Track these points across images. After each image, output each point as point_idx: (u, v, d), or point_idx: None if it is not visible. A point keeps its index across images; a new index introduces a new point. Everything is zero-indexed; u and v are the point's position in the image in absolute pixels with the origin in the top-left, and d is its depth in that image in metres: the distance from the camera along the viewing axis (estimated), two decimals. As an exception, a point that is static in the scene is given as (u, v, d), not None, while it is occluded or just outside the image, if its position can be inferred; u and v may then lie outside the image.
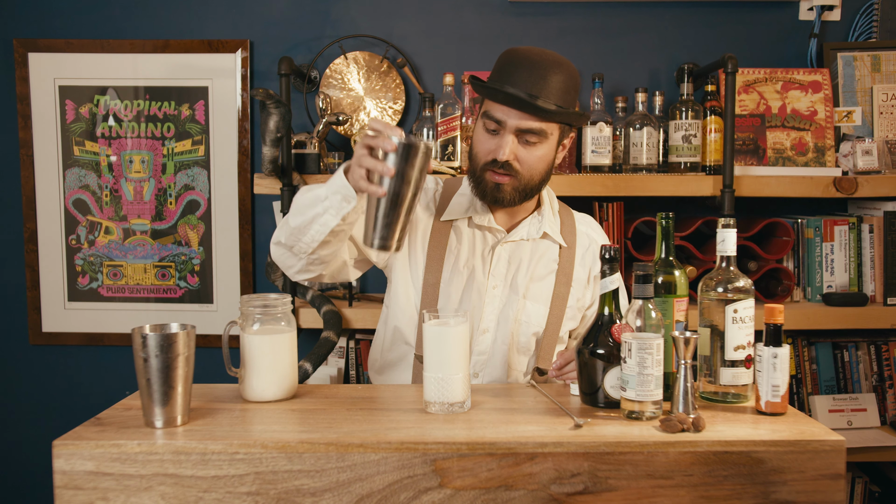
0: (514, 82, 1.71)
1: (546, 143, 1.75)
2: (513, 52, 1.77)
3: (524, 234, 1.84)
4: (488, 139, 1.75)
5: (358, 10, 2.62)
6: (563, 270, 1.85)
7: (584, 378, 1.46)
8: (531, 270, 1.84)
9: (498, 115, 1.72)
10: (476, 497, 1.26)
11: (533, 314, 1.82)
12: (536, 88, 1.70)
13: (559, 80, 1.73)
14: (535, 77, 1.71)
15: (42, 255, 2.66)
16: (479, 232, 1.85)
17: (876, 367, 2.47)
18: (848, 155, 2.45)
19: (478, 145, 1.78)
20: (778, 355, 1.41)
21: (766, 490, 1.27)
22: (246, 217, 2.64)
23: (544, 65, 1.72)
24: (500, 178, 1.75)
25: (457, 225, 1.85)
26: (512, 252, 1.84)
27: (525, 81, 1.71)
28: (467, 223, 1.85)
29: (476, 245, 1.84)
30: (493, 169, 1.75)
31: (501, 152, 1.72)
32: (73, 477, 1.25)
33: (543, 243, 1.86)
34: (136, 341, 1.31)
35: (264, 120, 2.20)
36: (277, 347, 1.49)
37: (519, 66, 1.72)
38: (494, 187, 1.76)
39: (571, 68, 1.77)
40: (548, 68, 1.72)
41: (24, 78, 2.61)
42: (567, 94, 1.75)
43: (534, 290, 1.83)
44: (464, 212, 1.84)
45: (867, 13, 2.59)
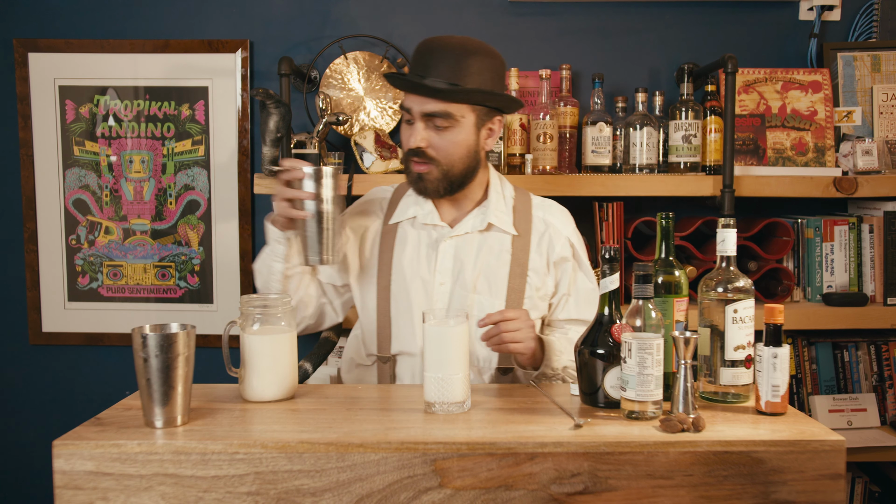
0: (415, 69, 1.73)
1: (459, 126, 1.73)
2: (423, 42, 1.78)
3: (468, 228, 1.81)
4: (406, 130, 1.77)
5: (358, 10, 2.62)
6: (517, 260, 1.81)
7: (584, 378, 1.45)
8: (480, 263, 1.80)
9: (406, 104, 1.74)
10: (476, 497, 1.26)
11: (486, 308, 1.77)
12: (437, 72, 1.70)
13: (468, 64, 1.70)
14: (435, 61, 1.71)
15: (42, 255, 2.66)
16: (424, 230, 1.84)
17: (876, 367, 2.47)
18: (848, 155, 2.45)
19: (401, 139, 1.80)
20: (778, 355, 1.41)
21: (766, 490, 1.27)
22: (246, 217, 2.64)
23: (447, 49, 1.71)
24: (420, 166, 1.75)
25: (403, 226, 1.85)
26: (458, 247, 1.81)
27: (425, 67, 1.72)
28: (413, 223, 1.85)
29: (421, 243, 1.83)
30: (413, 159, 1.75)
31: (412, 139, 1.73)
32: (73, 477, 1.25)
33: (493, 234, 1.83)
34: (136, 341, 1.31)
35: (264, 120, 2.20)
36: (277, 347, 1.49)
37: (422, 54, 1.74)
38: (417, 177, 1.76)
39: (488, 51, 1.75)
40: (451, 52, 1.71)
41: (24, 78, 2.61)
42: (479, 76, 1.72)
43: (484, 283, 1.80)
44: (409, 213, 1.84)
45: (867, 13, 2.59)
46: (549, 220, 1.87)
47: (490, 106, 1.77)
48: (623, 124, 2.44)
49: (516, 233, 1.82)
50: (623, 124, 2.44)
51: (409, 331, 1.80)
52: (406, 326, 1.80)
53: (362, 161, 2.41)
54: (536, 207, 1.89)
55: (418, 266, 1.81)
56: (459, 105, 1.72)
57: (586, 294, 1.87)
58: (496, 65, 1.76)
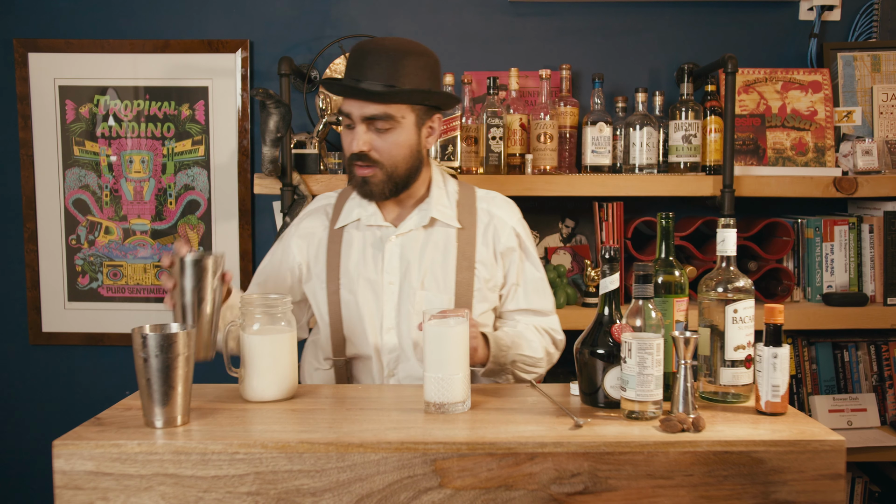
0: (350, 73, 1.74)
1: (400, 127, 1.74)
2: (357, 45, 1.78)
3: (412, 225, 1.81)
4: (346, 135, 1.77)
5: (358, 10, 2.62)
6: (463, 253, 1.81)
7: (584, 378, 1.45)
8: (426, 260, 1.80)
9: (345, 108, 1.74)
10: (476, 497, 1.26)
11: (434, 303, 1.77)
12: (373, 74, 1.70)
13: (404, 64, 1.71)
14: (371, 64, 1.71)
15: (42, 255, 2.66)
16: (369, 231, 1.84)
17: (876, 367, 2.47)
18: (848, 155, 2.45)
19: (343, 144, 1.81)
20: (778, 355, 1.41)
21: (766, 490, 1.27)
22: (246, 217, 2.64)
23: (381, 51, 1.72)
24: (364, 170, 1.75)
25: (349, 230, 1.85)
26: (404, 245, 1.81)
27: (361, 70, 1.72)
28: (358, 226, 1.85)
29: (367, 245, 1.83)
30: (356, 163, 1.75)
31: (355, 144, 1.73)
32: (73, 477, 1.25)
33: (438, 230, 1.82)
34: (136, 341, 1.31)
35: (264, 120, 2.20)
36: (277, 347, 1.49)
37: (357, 58, 1.74)
38: (362, 181, 1.76)
39: (422, 51, 1.76)
40: (385, 54, 1.71)
41: (24, 78, 2.61)
42: (415, 76, 1.73)
43: (431, 279, 1.79)
44: (353, 216, 1.84)
45: (867, 13, 2.59)
46: (493, 212, 1.87)
47: (429, 105, 1.78)
48: (623, 124, 2.44)
49: (460, 226, 1.82)
50: (623, 124, 2.44)
51: (361, 334, 1.80)
52: (358, 330, 1.80)
53: (362, 161, 2.41)
54: (480, 200, 1.89)
55: (365, 268, 1.81)
56: (399, 106, 1.72)
57: (534, 283, 1.87)
58: (431, 63, 1.77)
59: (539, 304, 1.88)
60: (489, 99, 2.41)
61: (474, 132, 2.39)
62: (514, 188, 2.34)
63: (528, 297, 1.87)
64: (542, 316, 1.88)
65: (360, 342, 1.80)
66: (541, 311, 1.88)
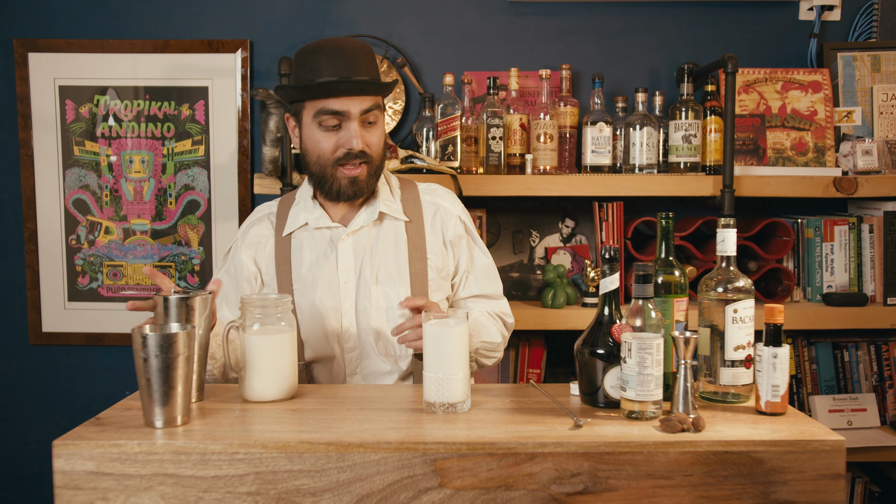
0: (339, 70, 1.71)
1: (381, 119, 1.78)
2: (309, 50, 1.76)
3: (362, 222, 1.81)
4: (329, 137, 1.74)
5: (358, 10, 2.63)
6: (414, 245, 1.82)
7: (584, 378, 1.45)
8: (378, 255, 1.80)
9: (338, 107, 1.71)
10: (476, 497, 1.26)
11: (392, 297, 1.78)
12: (355, 70, 1.72)
13: (365, 56, 1.75)
14: (351, 58, 1.72)
15: (42, 255, 2.66)
16: (318, 234, 1.82)
17: (876, 367, 2.47)
18: (848, 155, 2.45)
19: (318, 146, 1.75)
20: (778, 355, 1.41)
21: (766, 490, 1.27)
22: (246, 217, 2.63)
23: (348, 49, 1.73)
24: (355, 169, 1.74)
25: (297, 235, 1.84)
26: (356, 243, 1.81)
27: (337, 68, 1.71)
28: (306, 230, 1.84)
29: (318, 247, 1.82)
30: (347, 163, 1.74)
31: (356, 142, 1.71)
32: (73, 477, 1.25)
33: (387, 225, 1.83)
34: (136, 341, 1.31)
35: (264, 120, 2.21)
36: (277, 347, 1.49)
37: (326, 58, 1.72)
38: (350, 182, 1.75)
39: (364, 44, 1.79)
40: (350, 49, 1.73)
41: (24, 78, 2.61)
42: (377, 68, 1.78)
43: (385, 273, 1.79)
44: (300, 221, 1.83)
45: (867, 13, 2.59)
46: (437, 202, 1.88)
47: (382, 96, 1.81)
48: (623, 124, 2.44)
49: (408, 219, 1.83)
50: (623, 124, 2.44)
51: (321, 336, 1.80)
52: (317, 332, 1.80)
53: (362, 161, 2.41)
54: (423, 192, 1.90)
55: (320, 270, 1.80)
56: (379, 98, 1.76)
57: (484, 269, 1.90)
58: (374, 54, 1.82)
59: (490, 289, 1.90)
60: (489, 99, 2.41)
61: (474, 132, 2.39)
62: (514, 188, 2.34)
63: (479, 283, 1.89)
64: (494, 300, 1.91)
65: (319, 344, 1.80)
66: (492, 296, 1.91)
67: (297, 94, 1.75)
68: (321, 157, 1.75)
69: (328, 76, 1.70)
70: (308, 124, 1.76)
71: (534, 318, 2.36)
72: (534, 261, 2.59)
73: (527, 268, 2.58)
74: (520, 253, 2.59)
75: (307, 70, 1.73)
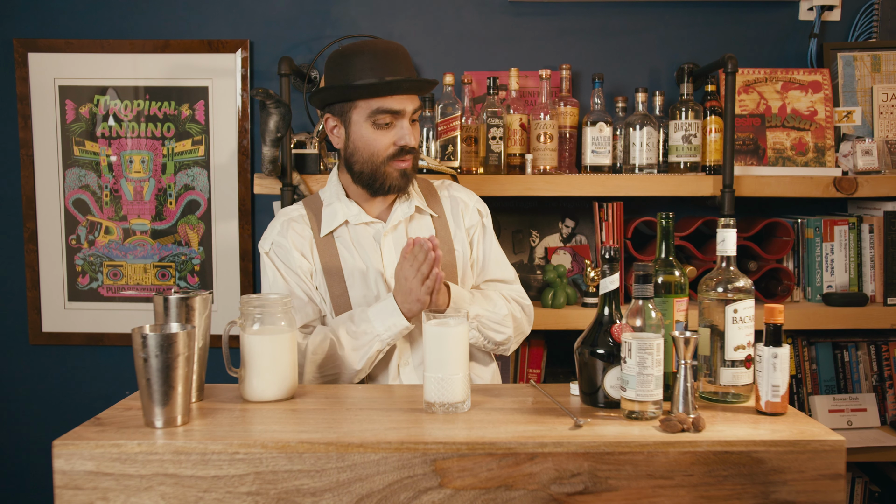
0: (396, 70, 1.77)
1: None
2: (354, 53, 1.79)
3: (400, 217, 1.87)
4: (382, 134, 1.79)
5: (358, 9, 2.62)
6: (442, 238, 1.90)
7: (584, 378, 1.45)
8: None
9: (396, 106, 1.77)
10: (476, 497, 1.26)
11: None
12: (406, 69, 1.79)
13: (408, 57, 1.83)
14: (400, 59, 1.79)
15: (42, 255, 2.66)
16: (359, 230, 1.87)
17: (876, 367, 2.47)
18: (848, 155, 2.45)
19: (373, 144, 1.79)
20: (778, 355, 1.41)
21: (766, 490, 1.27)
22: (246, 217, 2.64)
23: (394, 48, 1.80)
24: (405, 163, 1.81)
25: (338, 234, 1.87)
26: (395, 237, 1.88)
27: (390, 69, 1.77)
28: (345, 228, 1.87)
29: (363, 243, 1.86)
30: (399, 158, 1.80)
31: (410, 138, 1.79)
32: (73, 477, 1.25)
33: (418, 219, 1.91)
34: (136, 341, 1.31)
35: (264, 120, 2.20)
36: (277, 347, 1.49)
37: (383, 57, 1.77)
38: (401, 174, 1.81)
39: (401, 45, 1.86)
40: (398, 50, 1.81)
41: (24, 78, 2.61)
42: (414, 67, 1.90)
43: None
44: (339, 219, 1.86)
45: (867, 13, 2.59)
46: (454, 195, 1.97)
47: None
48: (623, 124, 2.44)
49: (436, 214, 1.92)
50: (623, 124, 2.44)
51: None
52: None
53: (362, 161, 2.41)
54: (439, 188, 1.99)
55: (367, 264, 1.85)
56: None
57: (497, 256, 1.98)
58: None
59: (503, 275, 1.97)
60: (489, 99, 2.41)
61: (474, 132, 2.39)
62: (514, 188, 2.34)
63: (495, 269, 1.97)
64: (508, 284, 1.97)
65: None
66: (506, 280, 1.98)
67: (353, 93, 1.78)
68: (375, 155, 1.80)
69: (387, 76, 1.75)
70: (359, 123, 1.79)
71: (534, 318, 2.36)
72: (534, 261, 2.59)
73: (527, 268, 2.58)
74: (520, 253, 2.59)
75: (359, 71, 1.76)
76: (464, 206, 1.96)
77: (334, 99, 1.81)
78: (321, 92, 1.82)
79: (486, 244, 1.98)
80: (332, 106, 1.83)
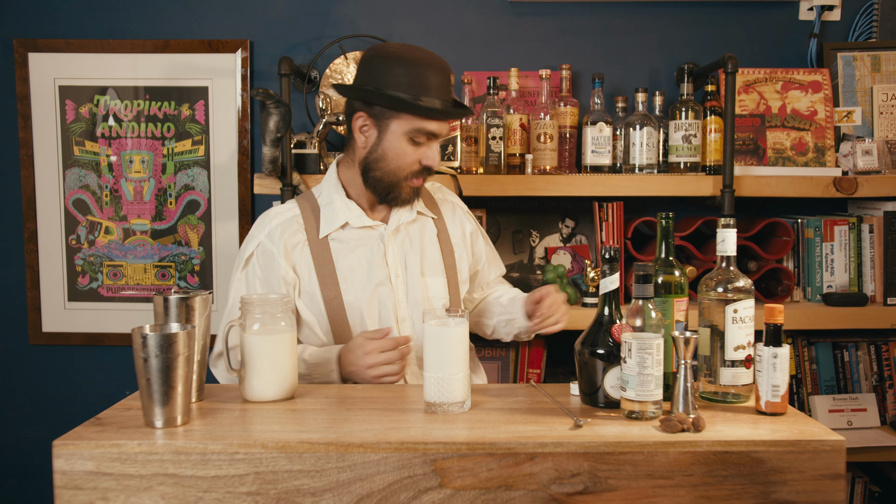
0: (439, 93, 1.77)
1: None
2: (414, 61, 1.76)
3: (402, 220, 1.88)
4: (413, 150, 1.79)
5: (358, 10, 2.63)
6: (444, 240, 1.94)
7: (584, 378, 1.45)
8: (419, 249, 1.90)
9: (435, 130, 1.78)
10: (476, 497, 1.26)
11: (437, 287, 1.89)
12: (448, 91, 1.80)
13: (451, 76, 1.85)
14: (442, 80, 1.79)
15: (42, 255, 2.66)
16: (359, 233, 1.86)
17: (876, 367, 2.47)
18: (848, 155, 2.45)
19: (403, 158, 1.79)
20: (778, 355, 1.41)
21: (766, 490, 1.27)
22: (246, 217, 2.64)
23: (443, 67, 1.80)
24: (420, 181, 1.84)
25: (334, 237, 1.85)
26: (399, 238, 1.89)
27: (445, 88, 1.78)
28: (343, 230, 1.86)
29: (364, 245, 1.86)
30: (419, 176, 1.82)
31: (436, 161, 1.81)
32: (73, 477, 1.25)
33: (419, 222, 1.92)
34: (136, 341, 1.31)
35: (264, 120, 2.20)
36: (277, 348, 1.49)
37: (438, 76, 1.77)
38: (413, 191, 1.84)
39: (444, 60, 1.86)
40: (447, 69, 1.81)
41: (24, 78, 2.61)
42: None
43: (427, 265, 1.90)
44: (340, 221, 1.85)
45: (867, 13, 2.59)
46: (451, 200, 2.04)
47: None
48: (623, 124, 2.44)
49: (435, 216, 1.96)
50: (623, 124, 2.44)
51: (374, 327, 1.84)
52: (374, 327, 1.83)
53: (362, 161, 2.41)
54: (434, 192, 2.03)
55: (371, 267, 1.84)
56: None
57: (492, 256, 2.11)
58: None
59: (501, 268, 2.14)
60: (489, 99, 2.41)
61: (474, 132, 2.39)
62: (514, 188, 2.34)
63: (494, 268, 2.11)
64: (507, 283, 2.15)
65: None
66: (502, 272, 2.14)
67: (405, 107, 1.74)
68: (400, 168, 1.80)
69: (438, 97, 1.76)
70: (397, 134, 1.78)
71: (534, 318, 2.36)
72: (534, 261, 2.59)
73: (527, 268, 2.58)
74: (520, 253, 2.59)
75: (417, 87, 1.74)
76: (460, 211, 2.02)
77: (378, 102, 1.76)
78: (364, 92, 1.76)
79: (487, 246, 2.08)
80: (371, 107, 1.78)
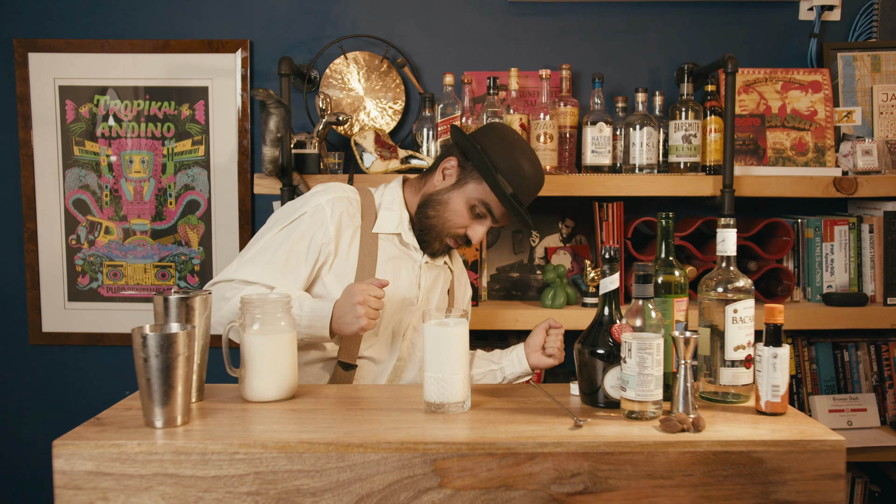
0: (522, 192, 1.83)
1: None
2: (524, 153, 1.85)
3: (437, 261, 1.97)
4: (467, 218, 1.87)
5: (358, 10, 2.62)
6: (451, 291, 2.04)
7: (584, 378, 1.46)
8: (437, 291, 1.99)
9: (495, 209, 1.85)
10: (476, 497, 1.26)
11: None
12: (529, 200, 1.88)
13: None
14: (533, 192, 1.88)
15: (42, 255, 2.66)
16: (403, 249, 1.92)
17: (876, 367, 2.47)
18: (848, 155, 2.45)
19: (456, 217, 1.86)
20: (778, 355, 1.41)
21: (766, 490, 1.27)
22: (246, 217, 2.64)
23: (540, 181, 1.89)
24: (456, 245, 1.91)
25: (384, 237, 1.90)
26: (429, 273, 1.96)
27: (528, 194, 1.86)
28: (391, 238, 1.90)
29: (406, 260, 1.91)
30: (458, 241, 1.89)
31: (477, 239, 1.88)
32: (73, 477, 1.25)
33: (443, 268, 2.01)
34: (136, 341, 1.31)
35: (264, 120, 2.20)
36: (277, 348, 1.49)
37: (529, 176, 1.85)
38: (446, 249, 1.91)
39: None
40: (540, 185, 1.90)
41: (24, 78, 2.61)
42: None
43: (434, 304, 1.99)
44: (394, 227, 1.90)
45: (867, 13, 2.59)
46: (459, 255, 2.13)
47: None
48: (623, 124, 2.44)
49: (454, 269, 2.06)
50: (623, 124, 2.44)
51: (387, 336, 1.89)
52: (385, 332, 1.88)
53: (362, 161, 2.41)
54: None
55: (409, 283, 1.90)
56: None
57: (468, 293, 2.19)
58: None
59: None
60: (489, 99, 2.41)
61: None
62: (514, 188, 2.34)
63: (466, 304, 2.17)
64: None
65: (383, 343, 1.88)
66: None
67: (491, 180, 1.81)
68: (448, 223, 1.87)
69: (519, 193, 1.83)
70: (466, 195, 1.85)
71: (534, 318, 2.36)
72: (534, 261, 2.59)
73: (527, 268, 2.58)
74: (520, 253, 2.59)
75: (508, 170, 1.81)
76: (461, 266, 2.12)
77: (474, 160, 1.83)
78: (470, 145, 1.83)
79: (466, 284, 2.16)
80: (467, 160, 1.86)
